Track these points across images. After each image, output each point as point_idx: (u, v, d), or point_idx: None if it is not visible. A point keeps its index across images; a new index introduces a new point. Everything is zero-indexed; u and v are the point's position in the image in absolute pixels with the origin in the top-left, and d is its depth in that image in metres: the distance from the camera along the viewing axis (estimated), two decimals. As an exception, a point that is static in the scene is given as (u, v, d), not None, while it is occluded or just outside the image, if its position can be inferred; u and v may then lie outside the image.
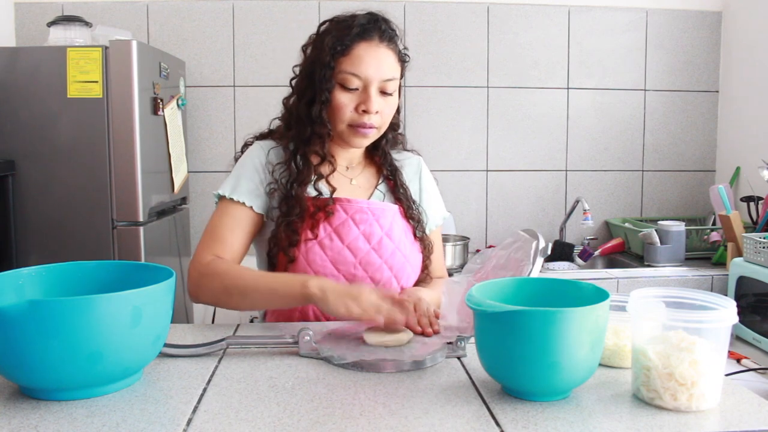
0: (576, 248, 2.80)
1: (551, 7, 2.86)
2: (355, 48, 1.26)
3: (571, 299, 0.94)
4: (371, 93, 1.26)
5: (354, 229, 1.30)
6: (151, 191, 2.23)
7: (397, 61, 1.31)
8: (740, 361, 1.82)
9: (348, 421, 0.82)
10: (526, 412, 0.84)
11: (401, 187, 1.40)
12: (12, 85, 2.10)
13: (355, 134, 1.30)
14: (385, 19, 1.31)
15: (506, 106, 2.89)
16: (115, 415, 0.83)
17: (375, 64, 1.26)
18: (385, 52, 1.27)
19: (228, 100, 2.78)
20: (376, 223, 1.32)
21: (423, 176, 1.48)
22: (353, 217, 1.31)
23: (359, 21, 1.27)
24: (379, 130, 1.33)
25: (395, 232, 1.34)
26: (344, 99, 1.27)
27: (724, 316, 0.85)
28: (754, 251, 2.10)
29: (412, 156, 1.50)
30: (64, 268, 1.04)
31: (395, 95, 1.31)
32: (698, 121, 2.98)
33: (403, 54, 1.34)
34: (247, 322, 1.37)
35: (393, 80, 1.29)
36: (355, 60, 1.25)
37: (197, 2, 2.73)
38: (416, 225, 1.39)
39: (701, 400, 0.84)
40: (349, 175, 1.40)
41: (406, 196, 1.40)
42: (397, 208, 1.38)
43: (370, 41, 1.26)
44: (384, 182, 1.42)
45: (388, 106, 1.30)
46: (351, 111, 1.28)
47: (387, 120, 1.33)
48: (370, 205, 1.33)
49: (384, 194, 1.40)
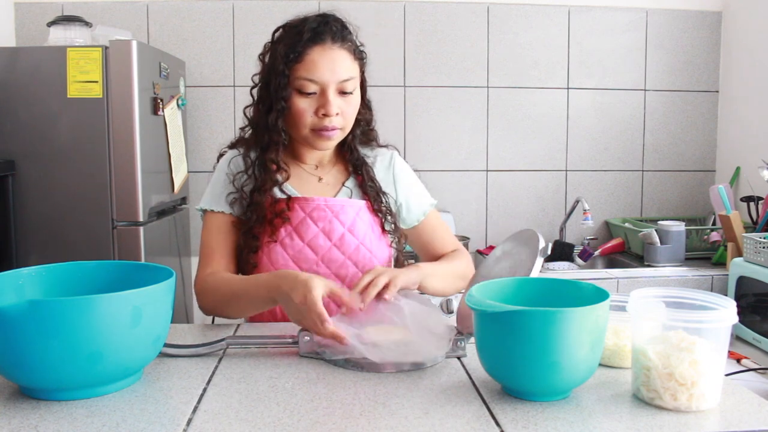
0: (576, 248, 2.80)
1: (551, 7, 2.86)
2: (309, 53, 1.26)
3: (571, 299, 0.94)
4: (329, 96, 1.27)
5: (312, 226, 1.32)
6: (151, 191, 2.22)
7: (353, 60, 1.31)
8: (740, 361, 1.82)
9: (348, 421, 0.82)
10: (526, 412, 0.84)
11: (370, 180, 1.41)
12: (12, 85, 2.09)
13: (319, 138, 1.31)
14: (337, 19, 1.32)
15: (506, 106, 2.89)
16: (115, 415, 0.83)
17: (329, 66, 1.26)
18: (338, 53, 1.28)
19: (228, 100, 2.78)
20: (336, 220, 1.34)
21: (396, 168, 1.47)
22: (311, 215, 1.33)
23: (310, 25, 1.28)
24: (343, 130, 1.33)
25: (359, 227, 1.35)
26: (303, 104, 1.28)
27: (724, 316, 0.85)
28: (754, 251, 2.10)
29: (386, 151, 1.49)
30: (64, 268, 1.04)
31: (355, 93, 1.32)
32: (698, 121, 2.98)
33: (359, 51, 1.35)
34: (247, 322, 1.38)
35: (350, 79, 1.29)
36: (310, 65, 1.26)
37: (197, 2, 2.73)
38: (383, 218, 1.40)
39: (701, 400, 0.84)
40: (318, 174, 1.41)
41: (375, 190, 1.40)
42: (363, 204, 1.38)
43: (323, 44, 1.27)
44: (353, 178, 1.42)
45: (349, 105, 1.31)
46: (311, 116, 1.29)
47: (350, 119, 1.33)
48: (328, 202, 1.34)
49: (351, 190, 1.40)
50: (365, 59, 1.37)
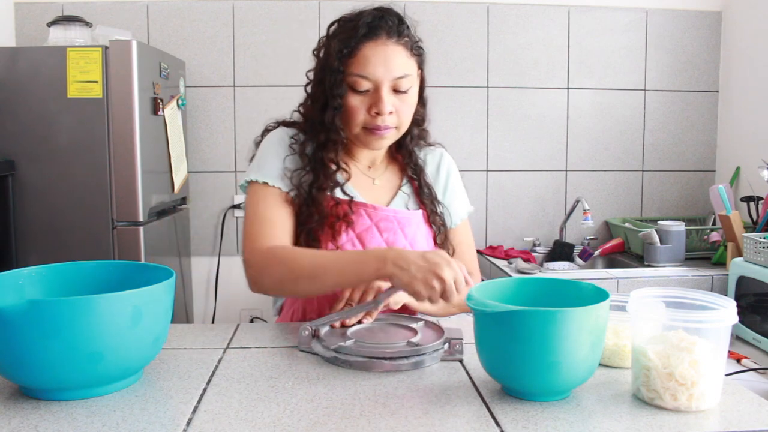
0: (576, 248, 2.80)
1: (551, 7, 2.86)
2: (362, 49, 1.21)
3: (571, 299, 0.94)
4: (382, 94, 1.21)
5: (378, 236, 1.27)
6: (151, 191, 2.22)
7: (409, 56, 1.25)
8: (740, 361, 1.82)
9: (348, 421, 0.82)
10: (526, 412, 0.84)
11: (425, 187, 1.36)
12: (12, 85, 2.09)
13: (371, 137, 1.25)
14: (394, 13, 1.26)
15: (506, 106, 2.89)
16: (115, 415, 0.83)
17: (383, 63, 1.21)
18: (393, 49, 1.22)
19: (228, 100, 2.78)
20: (401, 232, 1.29)
21: (445, 169, 1.43)
22: (378, 224, 1.28)
23: (365, 20, 1.22)
24: (398, 129, 1.27)
25: (418, 240, 1.31)
26: (356, 102, 1.23)
27: (724, 316, 0.85)
28: (754, 251, 2.10)
29: (435, 149, 1.44)
30: (64, 268, 1.04)
31: (411, 91, 1.26)
32: (698, 121, 2.98)
33: (417, 47, 1.28)
34: (248, 322, 1.37)
35: (406, 77, 1.23)
36: (362, 61, 1.21)
37: (197, 2, 2.73)
38: (437, 231, 1.35)
39: (701, 400, 0.84)
40: (372, 175, 1.36)
41: (430, 198, 1.36)
42: (421, 213, 1.34)
43: (377, 40, 1.21)
44: (408, 183, 1.38)
45: (404, 104, 1.25)
46: (364, 114, 1.23)
47: (405, 118, 1.27)
48: (397, 214, 1.29)
49: (408, 196, 1.36)
50: (423, 56, 1.30)
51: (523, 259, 2.64)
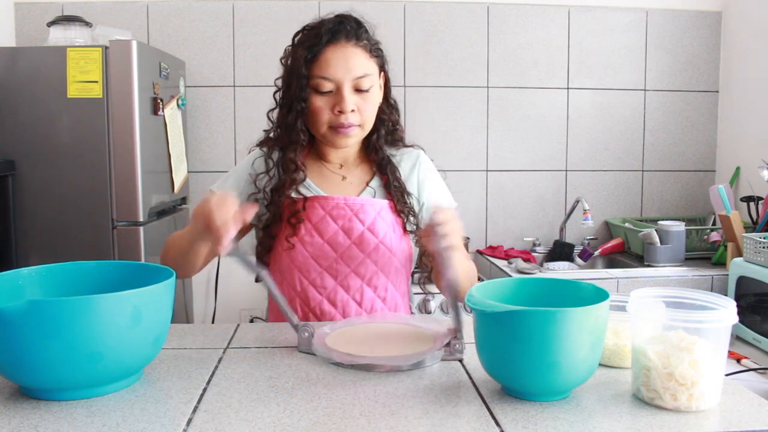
0: (576, 248, 2.80)
1: (551, 7, 2.86)
2: (324, 53, 1.29)
3: (571, 299, 0.94)
4: (344, 93, 1.29)
5: (332, 224, 1.33)
6: (151, 191, 2.22)
7: (368, 57, 1.33)
8: (740, 361, 1.82)
9: (348, 421, 0.82)
10: (526, 412, 0.84)
11: (395, 181, 1.41)
12: (12, 85, 2.09)
13: (337, 135, 1.32)
14: (352, 18, 1.34)
15: (506, 106, 2.89)
16: (115, 415, 0.83)
17: (343, 64, 1.29)
18: (352, 51, 1.30)
19: (228, 100, 2.78)
20: (356, 218, 1.34)
21: (421, 169, 1.47)
22: (330, 213, 1.34)
23: (327, 26, 1.31)
24: (362, 127, 1.34)
25: (379, 227, 1.35)
26: (320, 103, 1.31)
27: (724, 316, 0.85)
28: (754, 251, 2.10)
29: (412, 150, 1.50)
30: (64, 268, 1.04)
31: (372, 90, 1.33)
32: (698, 121, 2.98)
33: (376, 49, 1.37)
34: (248, 322, 1.38)
35: (366, 76, 1.31)
36: (324, 64, 1.29)
37: (197, 2, 2.73)
38: (406, 218, 1.40)
39: (701, 400, 0.84)
40: (342, 173, 1.42)
41: (399, 190, 1.41)
42: (386, 203, 1.39)
43: (337, 44, 1.30)
44: (377, 178, 1.43)
45: (367, 103, 1.32)
46: (328, 113, 1.31)
47: (369, 116, 1.34)
48: (347, 201, 1.35)
49: (375, 189, 1.41)
50: (383, 56, 1.39)
51: (523, 259, 2.64)
